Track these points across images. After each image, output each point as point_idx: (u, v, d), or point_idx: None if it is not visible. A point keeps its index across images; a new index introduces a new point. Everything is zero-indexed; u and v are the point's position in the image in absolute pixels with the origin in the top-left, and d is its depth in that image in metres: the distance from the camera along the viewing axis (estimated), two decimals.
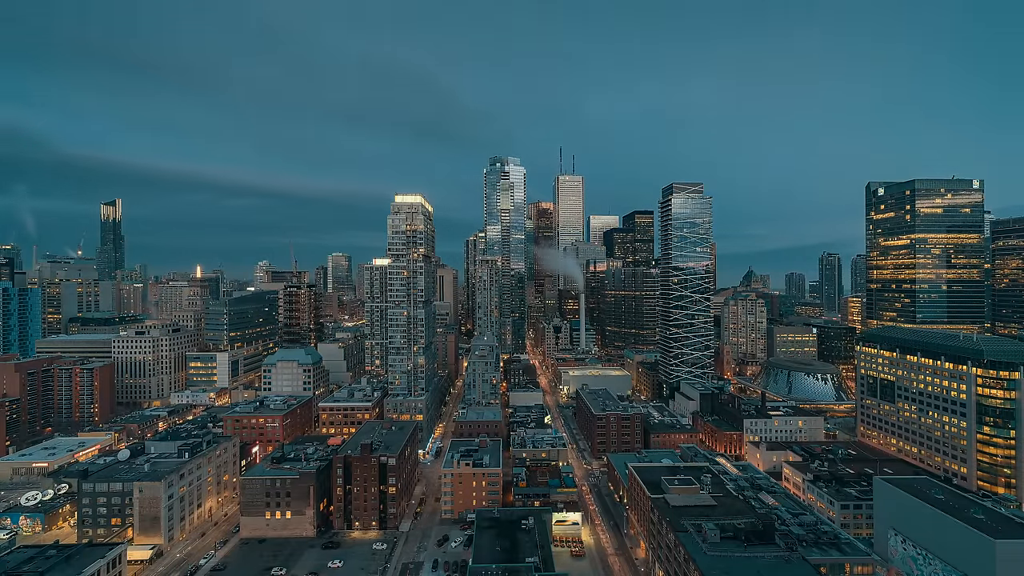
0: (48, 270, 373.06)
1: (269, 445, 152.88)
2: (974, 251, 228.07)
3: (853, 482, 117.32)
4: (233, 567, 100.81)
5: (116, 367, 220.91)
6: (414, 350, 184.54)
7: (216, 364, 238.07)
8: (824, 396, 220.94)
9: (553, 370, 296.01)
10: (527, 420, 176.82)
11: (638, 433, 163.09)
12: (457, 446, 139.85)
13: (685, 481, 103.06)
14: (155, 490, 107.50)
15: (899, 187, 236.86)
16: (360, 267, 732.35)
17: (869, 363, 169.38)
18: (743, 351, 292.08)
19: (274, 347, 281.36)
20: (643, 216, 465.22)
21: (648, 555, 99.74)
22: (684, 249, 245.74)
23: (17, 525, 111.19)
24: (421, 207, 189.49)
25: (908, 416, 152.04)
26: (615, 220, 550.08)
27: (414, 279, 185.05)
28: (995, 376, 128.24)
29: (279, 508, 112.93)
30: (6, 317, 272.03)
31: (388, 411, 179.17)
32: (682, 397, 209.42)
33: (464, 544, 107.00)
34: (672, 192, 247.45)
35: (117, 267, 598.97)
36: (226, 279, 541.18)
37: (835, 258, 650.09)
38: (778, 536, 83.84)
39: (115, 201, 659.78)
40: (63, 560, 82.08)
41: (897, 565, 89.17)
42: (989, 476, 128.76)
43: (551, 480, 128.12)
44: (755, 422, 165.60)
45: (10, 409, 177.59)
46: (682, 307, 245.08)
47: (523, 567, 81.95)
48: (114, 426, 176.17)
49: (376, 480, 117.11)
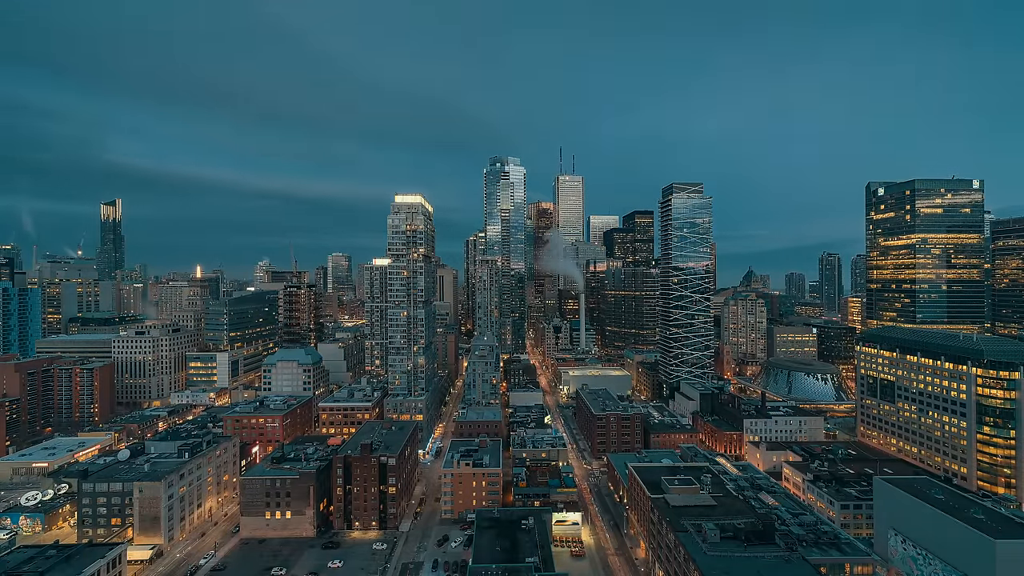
0: (48, 270, 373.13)
1: (269, 445, 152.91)
2: (974, 251, 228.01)
3: (853, 482, 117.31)
4: (233, 567, 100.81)
5: (116, 367, 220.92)
6: (414, 350, 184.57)
7: (216, 364, 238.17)
8: (824, 396, 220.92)
9: (553, 370, 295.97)
10: (527, 420, 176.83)
11: (638, 433, 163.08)
12: (457, 446, 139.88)
13: (685, 481, 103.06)
14: (155, 490, 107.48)
15: (899, 187, 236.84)
16: (360, 267, 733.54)
17: (869, 363, 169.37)
18: (743, 351, 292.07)
19: (274, 347, 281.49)
20: (643, 216, 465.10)
21: (648, 555, 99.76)
22: (684, 249, 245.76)
23: (17, 525, 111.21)
24: (421, 207, 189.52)
25: (908, 416, 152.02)
26: (615, 220, 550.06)
27: (414, 279, 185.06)
28: (995, 376, 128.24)
29: (279, 508, 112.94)
30: (6, 317, 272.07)
31: (388, 411, 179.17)
32: (682, 397, 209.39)
33: (464, 544, 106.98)
34: (672, 192, 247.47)
35: (117, 267, 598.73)
36: (226, 279, 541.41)
37: (835, 258, 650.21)
38: (778, 536, 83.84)
39: (115, 201, 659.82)
40: (63, 560, 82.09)
41: (897, 565, 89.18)
42: (989, 476, 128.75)
43: (551, 480, 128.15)
44: (755, 422, 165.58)
45: (10, 409, 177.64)
46: (682, 307, 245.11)
47: (523, 567, 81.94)
48: (114, 426, 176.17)
49: (376, 480, 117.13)
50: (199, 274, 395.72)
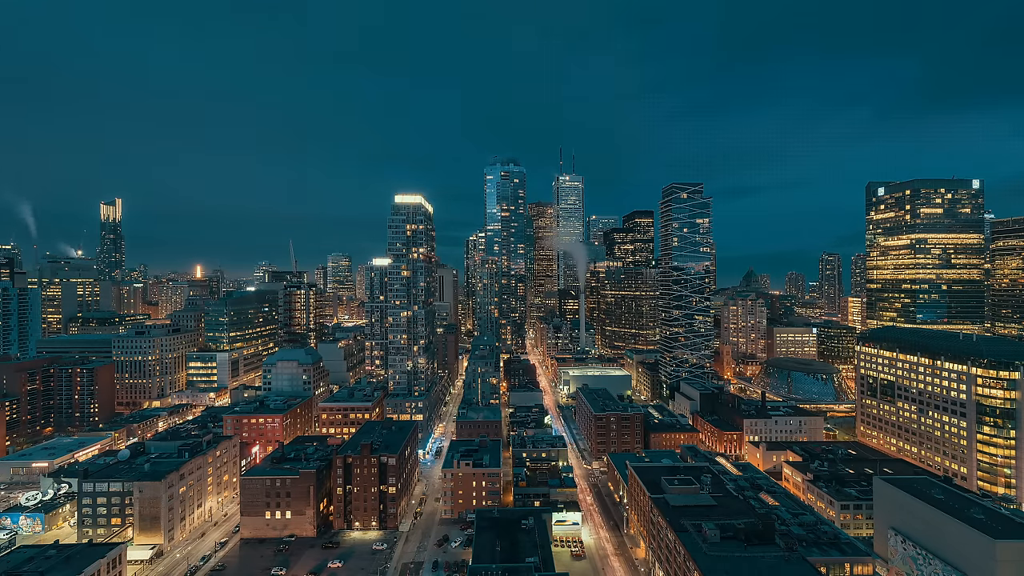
0: (48, 270, 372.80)
1: (269, 445, 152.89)
2: (974, 251, 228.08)
3: (853, 482, 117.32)
4: (233, 567, 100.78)
5: (116, 367, 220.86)
6: (414, 350, 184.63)
7: (216, 364, 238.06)
8: (824, 396, 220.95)
9: (553, 370, 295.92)
10: (527, 420, 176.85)
11: (638, 433, 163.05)
12: (457, 446, 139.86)
13: (685, 481, 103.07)
14: (155, 490, 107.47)
15: (899, 187, 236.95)
16: (360, 267, 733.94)
17: (869, 363, 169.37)
18: (743, 351, 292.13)
19: (274, 347, 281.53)
20: (643, 216, 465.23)
21: (648, 555, 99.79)
22: (684, 249, 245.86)
23: (17, 525, 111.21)
24: (421, 207, 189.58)
25: (908, 416, 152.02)
26: (615, 220, 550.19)
27: (414, 279, 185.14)
28: (995, 376, 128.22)
29: (279, 508, 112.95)
30: (6, 317, 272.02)
31: (388, 411, 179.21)
32: (682, 397, 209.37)
33: (464, 544, 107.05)
34: (672, 192, 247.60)
35: (117, 267, 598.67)
36: (226, 279, 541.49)
37: (835, 258, 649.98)
38: (778, 536, 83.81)
39: (115, 201, 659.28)
40: (63, 560, 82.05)
41: (897, 565, 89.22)
42: (989, 476, 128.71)
43: (551, 480, 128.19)
44: (755, 422, 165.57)
45: (10, 409, 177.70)
46: (682, 307, 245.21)
47: (523, 567, 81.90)
48: (114, 426, 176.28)
49: (376, 480, 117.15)
50: (199, 274, 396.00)
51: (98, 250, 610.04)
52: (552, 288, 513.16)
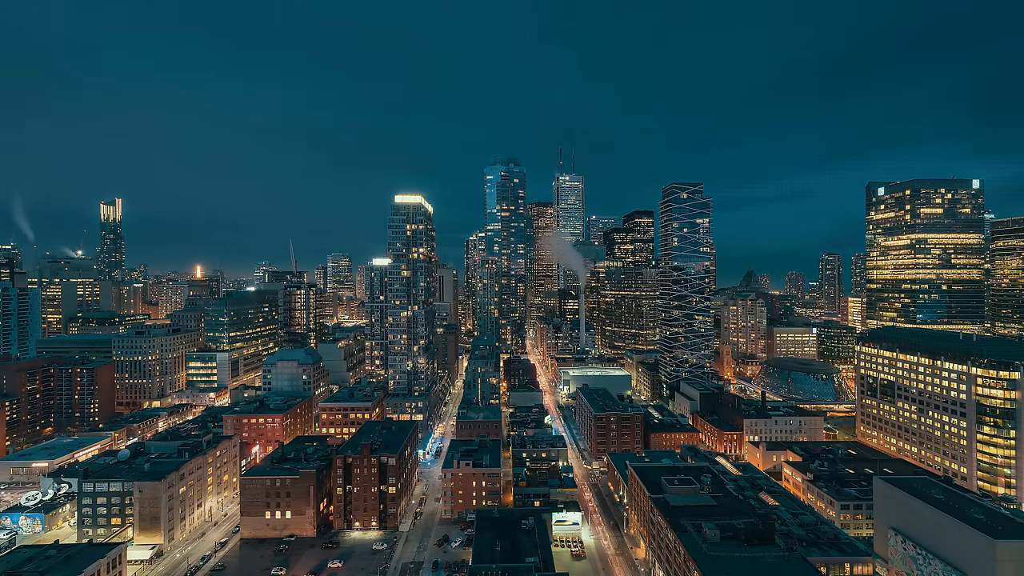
0: (48, 270, 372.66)
1: (269, 445, 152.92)
2: (974, 251, 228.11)
3: (853, 482, 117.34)
4: (233, 567, 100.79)
5: (116, 367, 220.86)
6: (414, 350, 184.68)
7: (216, 364, 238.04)
8: (824, 396, 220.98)
9: (553, 370, 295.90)
10: (527, 420, 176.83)
11: (638, 433, 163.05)
12: (457, 446, 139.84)
13: (685, 481, 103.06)
14: (155, 490, 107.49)
15: (899, 187, 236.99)
16: (360, 267, 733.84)
17: (869, 363, 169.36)
18: (743, 351, 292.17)
19: (274, 347, 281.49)
20: (643, 216, 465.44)
21: (648, 555, 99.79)
22: (684, 249, 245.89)
23: (17, 525, 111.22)
24: (421, 207, 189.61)
25: (908, 416, 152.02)
26: (615, 220, 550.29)
27: (414, 279, 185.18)
28: (995, 376, 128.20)
29: (279, 508, 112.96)
30: (6, 317, 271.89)
31: (388, 411, 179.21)
32: (682, 397, 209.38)
33: (464, 544, 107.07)
34: (672, 192, 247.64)
35: (117, 267, 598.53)
36: (226, 279, 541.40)
37: (835, 258, 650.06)
38: (778, 536, 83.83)
39: (115, 201, 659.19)
40: (63, 560, 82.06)
41: (897, 565, 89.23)
42: (989, 476, 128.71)
43: (551, 480, 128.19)
44: (755, 422, 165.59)
45: (10, 409, 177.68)
46: (682, 307, 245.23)
47: (523, 567, 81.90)
48: (114, 426, 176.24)
49: (376, 480, 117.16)
50: (199, 274, 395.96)
51: (98, 250, 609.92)
52: (552, 288, 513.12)
